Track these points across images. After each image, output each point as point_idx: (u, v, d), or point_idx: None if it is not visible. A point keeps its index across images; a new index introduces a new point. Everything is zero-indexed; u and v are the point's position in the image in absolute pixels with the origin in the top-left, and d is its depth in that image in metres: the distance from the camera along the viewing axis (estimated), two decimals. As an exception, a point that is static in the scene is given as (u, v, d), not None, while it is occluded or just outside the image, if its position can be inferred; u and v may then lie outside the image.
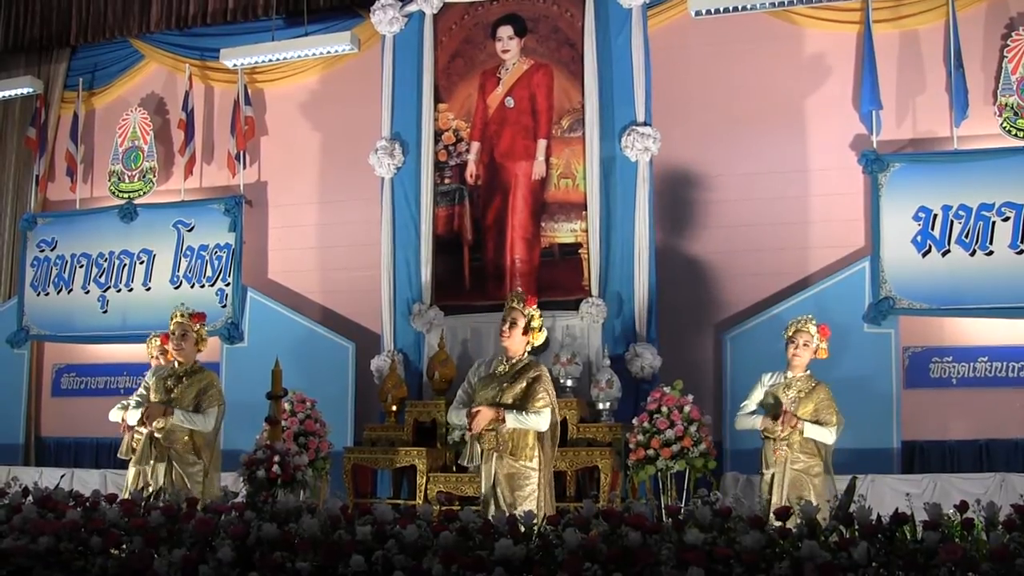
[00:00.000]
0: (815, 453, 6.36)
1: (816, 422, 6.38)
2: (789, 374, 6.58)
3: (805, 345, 6.54)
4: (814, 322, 6.62)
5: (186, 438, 6.40)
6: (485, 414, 5.78)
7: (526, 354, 6.07)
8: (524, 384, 5.87)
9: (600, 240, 8.81)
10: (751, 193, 9.25)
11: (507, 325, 6.02)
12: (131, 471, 7.38)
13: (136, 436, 7.52)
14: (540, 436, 5.85)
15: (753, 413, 6.66)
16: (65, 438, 11.00)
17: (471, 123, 9.33)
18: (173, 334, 6.59)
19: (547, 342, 6.35)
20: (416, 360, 9.17)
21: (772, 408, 6.54)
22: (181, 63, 11.27)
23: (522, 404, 5.81)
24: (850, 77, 9.16)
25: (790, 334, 6.62)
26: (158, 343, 7.76)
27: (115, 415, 7.74)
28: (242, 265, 10.47)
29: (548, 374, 6.03)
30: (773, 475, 6.39)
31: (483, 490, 5.89)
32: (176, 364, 6.58)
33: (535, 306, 6.10)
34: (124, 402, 7.84)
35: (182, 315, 6.64)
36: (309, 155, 10.72)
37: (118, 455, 7.57)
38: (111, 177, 11.22)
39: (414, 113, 9.42)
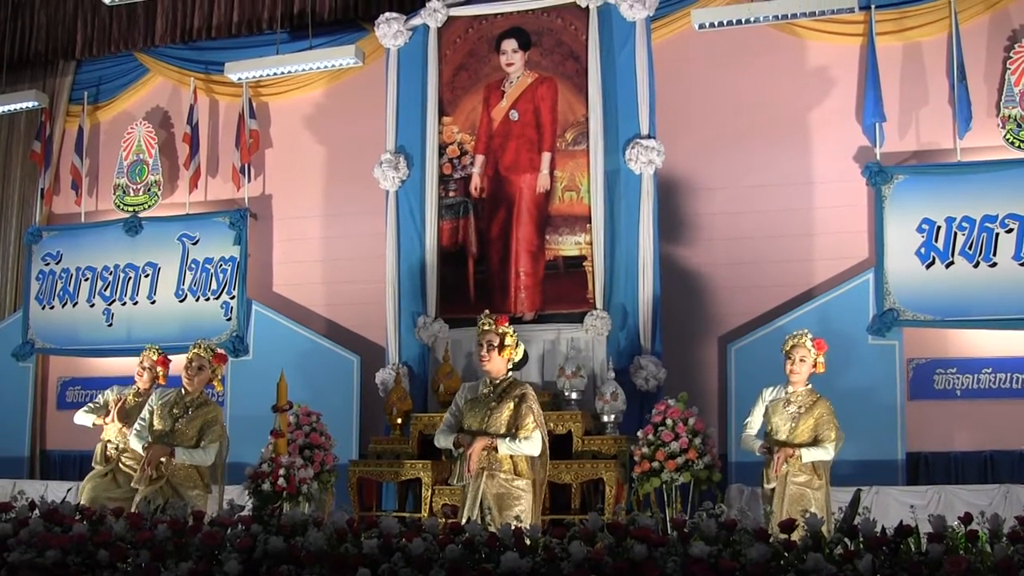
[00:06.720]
0: (814, 469, 6.32)
1: (815, 438, 6.34)
2: (789, 389, 6.52)
3: (802, 360, 6.47)
4: (810, 336, 6.54)
5: (188, 465, 6.37)
6: (478, 449, 5.77)
7: (508, 373, 6.09)
8: (511, 405, 5.88)
9: (604, 253, 8.83)
10: (755, 205, 9.27)
11: (484, 349, 6.02)
12: (86, 487, 7.32)
13: (109, 444, 7.47)
14: (533, 457, 5.88)
15: (757, 434, 6.64)
16: (70, 451, 10.98)
17: (475, 136, 9.36)
18: (190, 363, 6.52)
19: (526, 356, 6.37)
20: (421, 373, 9.18)
21: (770, 424, 6.53)
22: (186, 76, 11.30)
23: (511, 430, 5.83)
24: (853, 89, 9.18)
25: (787, 349, 6.55)
26: (153, 360, 7.53)
27: (83, 419, 7.65)
28: (247, 278, 10.49)
29: (533, 393, 6.03)
30: (774, 489, 6.37)
31: (467, 511, 5.76)
32: (183, 391, 6.53)
33: (507, 324, 6.12)
34: (91, 404, 7.80)
35: (205, 350, 6.57)
36: (314, 168, 10.75)
37: (92, 463, 7.49)
38: (116, 190, 11.25)
39: (419, 126, 9.46)
